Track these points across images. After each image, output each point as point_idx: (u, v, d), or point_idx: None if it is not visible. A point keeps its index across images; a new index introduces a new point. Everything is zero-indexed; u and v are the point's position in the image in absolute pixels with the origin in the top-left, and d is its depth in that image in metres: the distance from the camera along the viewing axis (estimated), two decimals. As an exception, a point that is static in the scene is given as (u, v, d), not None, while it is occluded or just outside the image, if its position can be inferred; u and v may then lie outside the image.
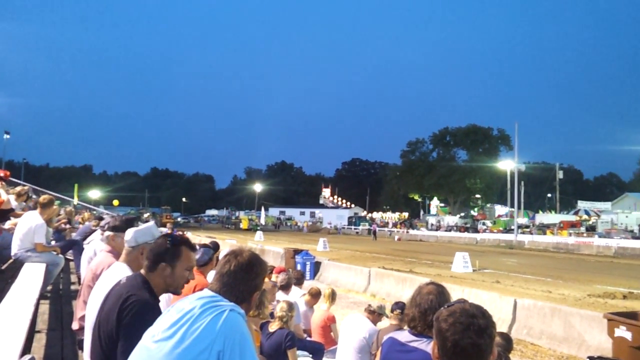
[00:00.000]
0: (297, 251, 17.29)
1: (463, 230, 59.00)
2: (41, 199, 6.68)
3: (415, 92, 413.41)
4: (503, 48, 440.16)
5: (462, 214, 74.11)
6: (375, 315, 5.39)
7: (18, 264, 5.90)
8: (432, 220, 73.95)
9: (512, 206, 50.87)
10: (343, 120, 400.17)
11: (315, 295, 6.63)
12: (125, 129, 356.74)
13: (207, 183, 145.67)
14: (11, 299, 3.40)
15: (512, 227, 47.26)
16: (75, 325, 3.88)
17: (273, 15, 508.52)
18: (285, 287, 6.29)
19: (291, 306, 4.66)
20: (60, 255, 6.41)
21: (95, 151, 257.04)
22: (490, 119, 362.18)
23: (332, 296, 6.42)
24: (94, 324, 2.40)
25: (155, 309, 2.24)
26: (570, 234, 44.16)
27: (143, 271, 2.41)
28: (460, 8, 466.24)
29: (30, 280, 4.22)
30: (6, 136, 47.54)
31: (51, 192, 14.64)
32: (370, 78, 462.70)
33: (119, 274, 2.69)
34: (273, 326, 4.46)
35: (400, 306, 4.84)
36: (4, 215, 7.34)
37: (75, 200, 25.99)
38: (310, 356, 5.25)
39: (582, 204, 63.10)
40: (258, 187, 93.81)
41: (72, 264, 8.25)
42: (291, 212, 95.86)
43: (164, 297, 3.93)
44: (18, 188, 9.40)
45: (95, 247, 4.82)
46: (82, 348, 3.04)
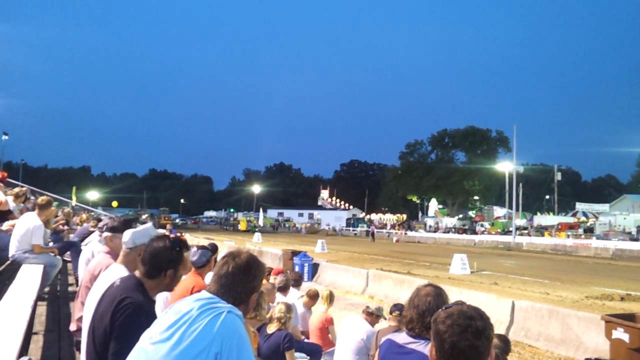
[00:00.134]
0: (295, 253, 17.28)
1: (461, 231, 59.16)
2: (39, 200, 6.66)
3: (413, 94, 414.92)
4: (502, 50, 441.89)
5: (461, 216, 74.18)
6: (373, 317, 5.40)
7: (16, 266, 5.88)
8: (431, 221, 74.06)
9: (510, 208, 51.02)
10: (341, 121, 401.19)
11: (313, 296, 6.61)
12: (123, 130, 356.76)
13: (206, 184, 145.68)
14: (8, 301, 3.39)
15: (510, 229, 47.42)
16: (73, 326, 3.88)
17: (272, 16, 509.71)
18: (283, 289, 6.29)
19: (289, 308, 4.66)
20: (58, 256, 6.39)
21: (93, 152, 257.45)
22: (488, 121, 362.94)
23: (330, 298, 6.41)
24: (89, 326, 2.39)
25: (149, 312, 2.23)
26: (568, 236, 44.27)
27: (138, 273, 2.38)
28: (458, 10, 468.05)
29: (27, 281, 4.21)
30: (4, 137, 47.45)
31: (49, 194, 14.62)
32: (369, 79, 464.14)
33: (117, 276, 2.66)
34: (271, 328, 4.45)
35: (399, 308, 4.84)
36: (2, 216, 7.32)
37: (73, 201, 25.91)
38: (308, 358, 5.25)
39: (580, 206, 63.14)
40: (256, 189, 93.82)
41: (70, 266, 8.22)
42: (289, 214, 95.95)
43: (162, 299, 3.94)
44: (16, 189, 9.35)
45: (93, 249, 4.81)
46: (80, 349, 3.03)
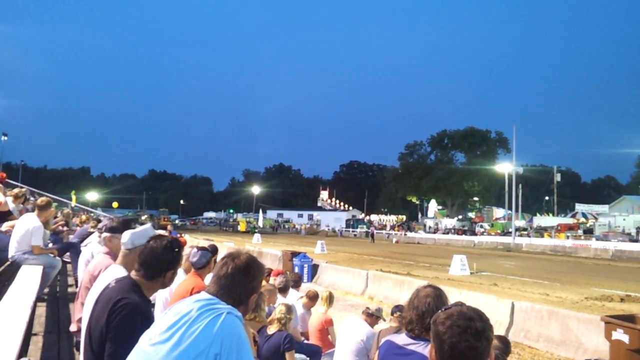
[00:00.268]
0: (295, 254, 17.26)
1: (461, 232, 59.20)
2: (39, 201, 6.65)
3: (413, 95, 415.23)
4: (501, 51, 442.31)
5: (460, 217, 74.22)
6: (372, 318, 5.40)
7: (15, 267, 5.88)
8: (430, 222, 74.03)
9: (510, 209, 51.02)
10: (341, 122, 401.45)
11: (312, 298, 6.61)
12: (123, 131, 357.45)
13: (205, 185, 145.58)
14: (8, 302, 3.39)
15: (510, 230, 47.45)
16: (73, 327, 3.89)
17: (272, 16, 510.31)
18: (282, 290, 6.28)
19: (289, 308, 4.66)
20: (57, 257, 6.39)
21: (93, 153, 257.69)
22: (488, 122, 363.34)
23: (330, 299, 6.40)
24: (86, 327, 2.38)
25: (145, 313, 2.22)
26: (567, 237, 44.32)
27: (134, 274, 2.37)
28: (458, 10, 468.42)
29: (27, 282, 4.20)
30: (4, 138, 47.54)
31: (49, 194, 14.62)
32: (368, 80, 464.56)
33: (116, 277, 2.67)
34: (271, 328, 4.45)
35: (400, 309, 4.83)
36: (1, 217, 7.32)
37: (72, 202, 25.90)
38: (307, 359, 5.24)
39: (580, 207, 63.22)
40: (256, 190, 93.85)
41: (70, 267, 8.21)
42: (289, 215, 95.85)
43: (161, 300, 3.94)
44: (15, 190, 9.34)
45: (92, 250, 4.81)
46: (80, 350, 3.03)
